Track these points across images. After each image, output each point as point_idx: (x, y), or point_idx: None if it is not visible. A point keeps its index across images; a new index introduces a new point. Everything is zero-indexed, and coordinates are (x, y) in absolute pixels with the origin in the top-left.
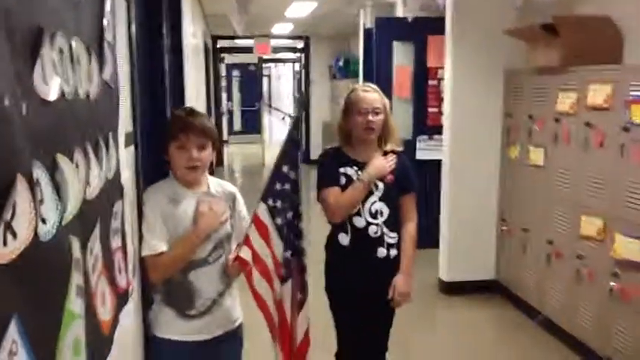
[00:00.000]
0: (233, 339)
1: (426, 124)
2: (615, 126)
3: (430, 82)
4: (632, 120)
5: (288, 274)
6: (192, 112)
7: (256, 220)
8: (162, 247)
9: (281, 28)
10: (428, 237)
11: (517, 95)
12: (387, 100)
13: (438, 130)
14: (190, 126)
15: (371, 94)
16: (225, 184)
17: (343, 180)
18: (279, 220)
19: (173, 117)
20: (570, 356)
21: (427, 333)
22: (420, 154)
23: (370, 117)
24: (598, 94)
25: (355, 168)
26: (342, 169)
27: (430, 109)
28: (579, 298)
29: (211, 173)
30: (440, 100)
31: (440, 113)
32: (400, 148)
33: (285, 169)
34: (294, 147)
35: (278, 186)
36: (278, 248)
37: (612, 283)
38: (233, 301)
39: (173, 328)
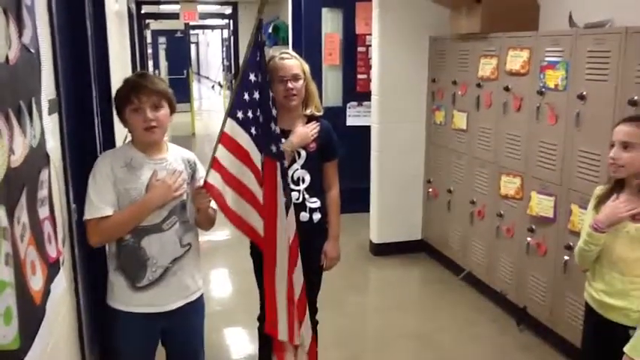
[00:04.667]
0: (192, 311)
1: (356, 91)
2: (531, 90)
3: (359, 49)
4: (546, 84)
5: (265, 177)
6: (142, 74)
7: (224, 139)
8: (107, 211)
9: None
10: (359, 201)
11: (441, 61)
12: (306, 66)
13: (367, 96)
14: (141, 86)
15: (289, 61)
16: (184, 151)
17: None
18: (253, 130)
19: (124, 81)
20: (491, 308)
21: (359, 293)
22: (350, 121)
23: (290, 84)
24: (516, 60)
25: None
26: None
27: (359, 76)
28: (499, 253)
29: None
30: (369, 66)
31: (369, 80)
32: (320, 113)
33: (251, 76)
34: (257, 50)
35: (247, 96)
36: (257, 158)
37: (528, 239)
38: (191, 270)
39: (125, 298)
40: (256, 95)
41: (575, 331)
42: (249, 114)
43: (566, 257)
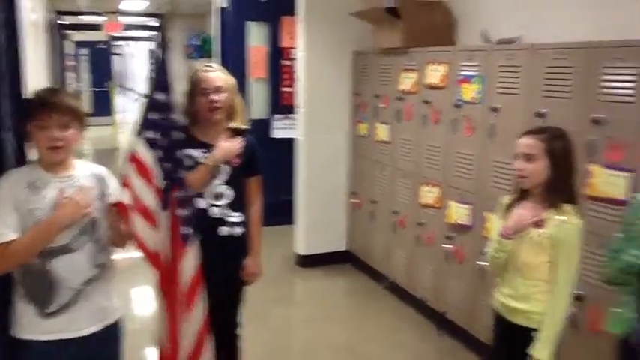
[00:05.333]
0: (109, 336)
1: (281, 104)
2: (449, 103)
3: (284, 63)
4: (463, 97)
5: (166, 206)
6: (54, 89)
7: (134, 158)
8: (10, 236)
9: (131, 5)
10: (285, 213)
11: (364, 75)
12: (231, 79)
13: (292, 109)
14: (50, 103)
15: (212, 73)
16: (95, 167)
17: (189, 162)
18: (159, 153)
19: (34, 95)
20: (413, 315)
21: (285, 305)
22: (276, 133)
23: (213, 96)
24: (435, 74)
25: (202, 150)
26: (188, 152)
27: (285, 89)
28: (420, 261)
29: None
30: (293, 79)
31: (294, 93)
32: (246, 127)
33: (158, 95)
34: (162, 70)
35: (154, 116)
36: (161, 181)
37: (447, 246)
38: (106, 291)
39: (34, 327)
40: (163, 116)
41: (492, 333)
42: (157, 135)
43: (482, 263)
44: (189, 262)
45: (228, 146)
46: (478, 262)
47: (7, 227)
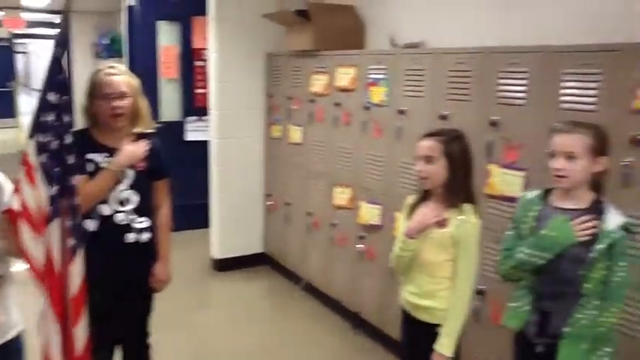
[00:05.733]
0: (9, 352)
1: (195, 106)
2: (359, 105)
3: (197, 63)
4: (371, 100)
5: (54, 214)
6: None
7: (25, 162)
8: None
9: (37, 1)
10: (200, 217)
11: (277, 77)
12: (136, 82)
13: (206, 111)
14: None
15: (117, 77)
16: None
17: (91, 167)
18: (49, 157)
19: None
20: (330, 315)
21: (202, 311)
22: (190, 136)
23: (116, 102)
24: (344, 77)
25: (105, 154)
26: (89, 156)
27: (198, 90)
28: (334, 262)
29: None
30: (207, 80)
31: (207, 94)
32: (151, 130)
33: (50, 96)
34: (56, 69)
35: (46, 117)
36: (45, 187)
37: (359, 246)
38: (4, 307)
39: None
40: (55, 118)
41: (400, 330)
42: (48, 138)
43: None
44: (74, 276)
45: (133, 150)
46: (389, 262)
47: None
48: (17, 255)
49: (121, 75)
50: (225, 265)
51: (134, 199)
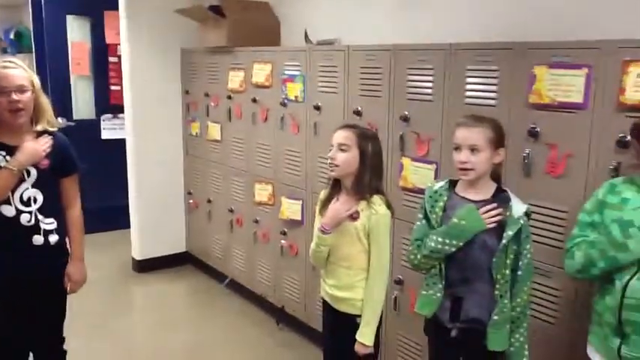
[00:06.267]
0: None
1: (110, 103)
2: (276, 102)
3: (111, 60)
4: (288, 96)
5: None
6: None
7: None
8: None
9: None
10: (121, 217)
11: (194, 73)
12: (35, 77)
13: (122, 108)
14: None
15: (13, 70)
16: None
17: None
18: None
19: None
20: (255, 311)
21: (124, 313)
22: (106, 134)
23: (14, 96)
24: (261, 73)
25: (3, 153)
26: None
27: (113, 87)
28: (258, 258)
29: None
30: (122, 77)
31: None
32: (54, 129)
33: None
34: None
35: None
36: None
37: (282, 242)
38: None
39: None
40: None
41: (322, 323)
42: None
43: None
44: None
45: (33, 146)
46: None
47: None
48: None
49: (18, 69)
50: (146, 266)
51: (39, 198)
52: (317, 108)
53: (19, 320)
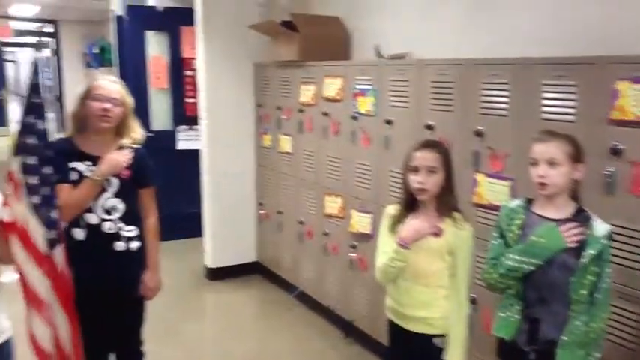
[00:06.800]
0: None
1: (185, 115)
2: (346, 115)
3: (187, 73)
4: (359, 110)
5: (58, 238)
6: None
7: (11, 177)
8: None
9: (22, 9)
10: (193, 226)
11: (266, 87)
12: (129, 98)
13: (197, 120)
14: None
15: (112, 85)
16: None
17: (74, 176)
18: (34, 179)
19: None
20: (323, 323)
21: (195, 320)
22: (181, 145)
23: (107, 105)
24: (331, 87)
25: (88, 163)
26: (72, 164)
27: (188, 100)
28: (327, 270)
29: None
30: (197, 90)
31: (198, 104)
32: (137, 146)
33: (30, 119)
34: (36, 92)
35: (28, 139)
36: (32, 210)
37: (351, 254)
38: None
39: None
40: (34, 141)
41: (389, 341)
42: (32, 160)
43: None
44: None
45: (115, 158)
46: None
47: None
48: (7, 262)
49: (116, 84)
50: (218, 274)
51: (120, 207)
52: (388, 122)
53: (101, 322)
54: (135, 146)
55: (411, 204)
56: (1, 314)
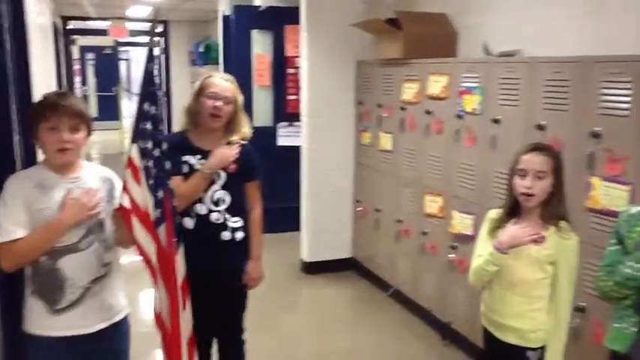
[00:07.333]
0: (116, 334)
1: (286, 112)
2: (451, 114)
3: (289, 71)
4: (464, 108)
5: (163, 217)
6: (63, 93)
7: (130, 164)
8: (18, 234)
9: (137, 11)
10: (291, 220)
11: (367, 84)
12: (240, 95)
13: (297, 117)
14: (61, 106)
15: (225, 83)
16: (102, 169)
17: (186, 169)
18: (149, 162)
19: (43, 98)
20: (418, 324)
21: (290, 312)
22: (281, 141)
23: (219, 103)
24: (436, 85)
25: (199, 157)
26: (184, 158)
27: (289, 97)
28: (424, 270)
29: None
30: (298, 88)
31: (299, 101)
32: (245, 142)
33: (146, 106)
34: (151, 81)
35: (143, 125)
36: (149, 191)
37: (450, 255)
38: (113, 290)
39: (43, 323)
40: (149, 126)
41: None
42: (148, 144)
43: None
44: (179, 267)
45: (224, 152)
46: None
47: (16, 225)
48: (127, 246)
49: (229, 82)
50: (314, 269)
51: (227, 199)
52: (496, 121)
53: (206, 308)
54: (242, 142)
55: (513, 209)
56: (120, 293)
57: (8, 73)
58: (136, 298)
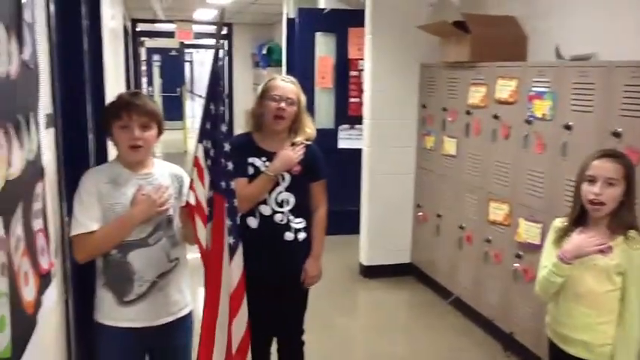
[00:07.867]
0: (180, 328)
1: (348, 114)
2: (519, 119)
3: (351, 73)
4: (534, 113)
5: (210, 216)
6: (136, 93)
7: (196, 163)
8: (92, 227)
9: (203, 14)
10: (350, 223)
11: (432, 88)
12: (303, 96)
13: (359, 120)
14: (133, 105)
15: (288, 85)
16: (173, 167)
17: (251, 170)
18: (208, 161)
19: (117, 97)
20: (478, 333)
21: (348, 315)
22: (342, 144)
23: (282, 104)
24: (505, 89)
25: (264, 159)
26: (250, 160)
27: (351, 100)
28: (486, 278)
29: None
30: (361, 90)
31: (361, 104)
32: (309, 142)
33: (211, 105)
34: (216, 80)
35: (208, 125)
36: (208, 189)
37: (516, 265)
38: (179, 285)
39: (112, 313)
40: (214, 126)
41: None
42: (208, 144)
43: None
44: (234, 272)
45: (288, 155)
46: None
47: (91, 219)
48: (192, 243)
49: (291, 84)
50: (372, 272)
51: (291, 200)
52: (567, 127)
53: (267, 308)
54: (307, 142)
55: (580, 217)
56: (185, 289)
57: (85, 73)
58: (200, 295)
